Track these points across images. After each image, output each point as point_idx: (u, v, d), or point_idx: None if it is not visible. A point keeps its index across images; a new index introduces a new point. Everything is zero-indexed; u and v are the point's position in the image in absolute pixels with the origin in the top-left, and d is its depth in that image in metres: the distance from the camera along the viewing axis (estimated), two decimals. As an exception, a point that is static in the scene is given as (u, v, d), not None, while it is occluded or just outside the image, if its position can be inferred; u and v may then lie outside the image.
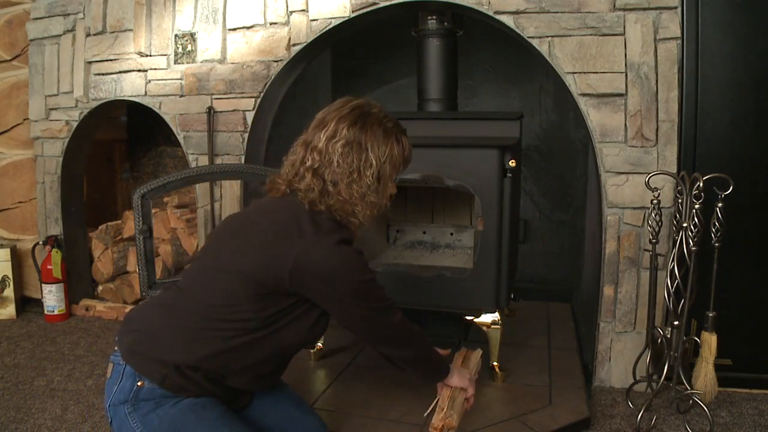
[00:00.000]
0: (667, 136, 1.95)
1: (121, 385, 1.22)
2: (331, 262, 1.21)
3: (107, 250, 2.98)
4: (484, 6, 2.06)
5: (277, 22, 2.34)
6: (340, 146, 1.25)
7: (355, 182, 1.26)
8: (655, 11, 1.92)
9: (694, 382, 1.82)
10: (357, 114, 1.29)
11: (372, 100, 1.35)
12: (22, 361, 2.32)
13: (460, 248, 2.55)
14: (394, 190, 1.39)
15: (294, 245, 1.20)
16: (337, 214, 1.29)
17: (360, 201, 1.28)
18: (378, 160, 1.27)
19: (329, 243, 1.22)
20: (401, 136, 1.34)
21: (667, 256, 1.91)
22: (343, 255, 1.23)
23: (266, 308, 1.23)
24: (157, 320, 1.27)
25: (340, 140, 1.26)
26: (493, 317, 2.00)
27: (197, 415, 1.21)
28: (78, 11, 2.64)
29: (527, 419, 1.74)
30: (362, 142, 1.26)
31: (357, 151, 1.26)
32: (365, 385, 1.98)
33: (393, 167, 1.32)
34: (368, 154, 1.27)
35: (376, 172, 1.28)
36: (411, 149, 1.37)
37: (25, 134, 2.87)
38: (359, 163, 1.26)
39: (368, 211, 1.31)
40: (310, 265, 1.20)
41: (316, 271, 1.20)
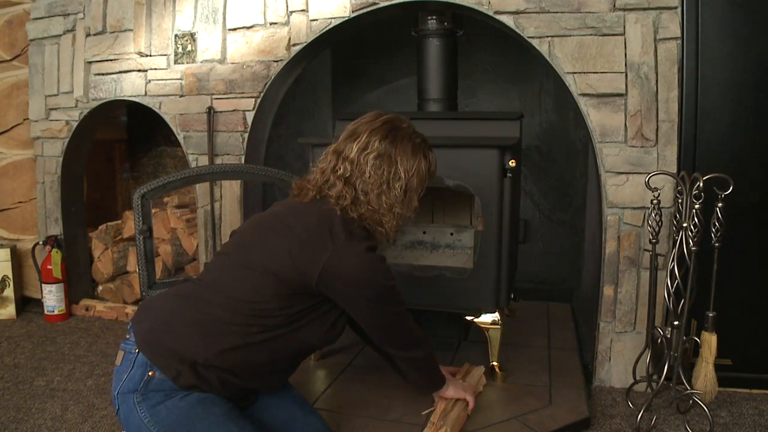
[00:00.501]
0: (667, 136, 1.96)
1: (131, 373, 1.23)
2: (361, 268, 1.27)
3: (107, 250, 2.98)
4: (484, 6, 2.06)
5: (277, 22, 2.34)
6: (372, 158, 1.32)
7: (384, 193, 1.33)
8: (655, 11, 1.92)
9: (694, 382, 1.82)
10: (388, 128, 1.36)
11: (402, 116, 1.43)
12: (22, 361, 2.32)
13: (460, 248, 2.55)
14: (417, 203, 1.44)
15: (326, 249, 1.26)
16: (367, 222, 1.36)
17: (388, 212, 1.35)
18: (406, 174, 1.35)
19: (360, 249, 1.28)
20: (428, 152, 1.41)
21: (667, 256, 1.91)
22: (372, 261, 1.30)
23: (291, 306, 1.28)
24: (177, 311, 1.28)
25: (372, 152, 1.32)
26: (493, 317, 2.00)
27: (205, 409, 1.23)
28: (78, 11, 2.64)
29: (527, 419, 1.74)
30: (392, 156, 1.33)
31: (387, 163, 1.33)
32: (365, 385, 1.98)
33: (419, 181, 1.39)
34: (398, 167, 1.34)
35: (404, 185, 1.35)
36: (436, 164, 1.45)
37: (25, 134, 2.87)
38: (389, 176, 1.33)
39: (395, 222, 1.38)
40: (341, 269, 1.26)
41: (346, 275, 1.26)
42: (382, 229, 1.37)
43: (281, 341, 1.30)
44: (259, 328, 1.26)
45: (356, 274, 1.27)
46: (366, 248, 1.29)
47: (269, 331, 1.27)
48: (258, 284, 1.27)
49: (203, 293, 1.30)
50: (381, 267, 1.32)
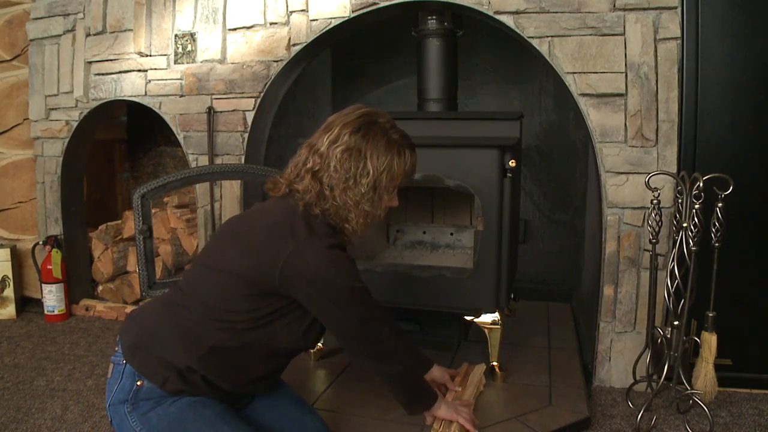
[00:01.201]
0: (667, 136, 1.96)
1: (120, 384, 1.23)
2: (320, 265, 1.22)
3: (107, 250, 2.98)
4: (484, 6, 2.06)
5: (277, 22, 2.34)
6: (340, 151, 1.26)
7: (350, 189, 1.27)
8: (655, 11, 1.92)
9: (694, 382, 1.82)
10: (362, 122, 1.29)
11: (382, 111, 1.36)
12: (22, 361, 2.32)
13: (460, 248, 2.55)
14: (394, 203, 1.37)
15: (286, 246, 1.21)
16: (331, 218, 1.30)
17: (354, 208, 1.28)
18: (375, 170, 1.27)
19: (321, 246, 1.22)
20: (405, 149, 1.33)
21: (667, 256, 1.91)
22: (334, 259, 1.24)
23: (258, 309, 1.24)
24: (159, 318, 1.28)
25: (341, 145, 1.26)
26: (493, 317, 2.00)
27: (195, 412, 1.22)
28: (78, 11, 2.64)
29: (527, 419, 1.74)
30: (362, 150, 1.27)
31: (356, 158, 1.26)
32: (365, 385, 1.98)
33: (391, 179, 1.31)
34: (366, 162, 1.27)
35: (372, 182, 1.28)
36: (414, 164, 1.37)
37: (25, 134, 2.87)
38: (356, 171, 1.26)
39: (361, 219, 1.31)
40: (300, 266, 1.21)
41: (304, 272, 1.21)
42: (349, 226, 1.31)
43: (254, 345, 1.27)
44: (230, 333, 1.24)
45: (315, 270, 1.21)
46: (328, 245, 1.24)
47: (239, 335, 1.25)
48: (224, 287, 1.24)
49: (181, 299, 1.28)
50: (344, 266, 1.26)
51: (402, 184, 1.35)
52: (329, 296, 1.24)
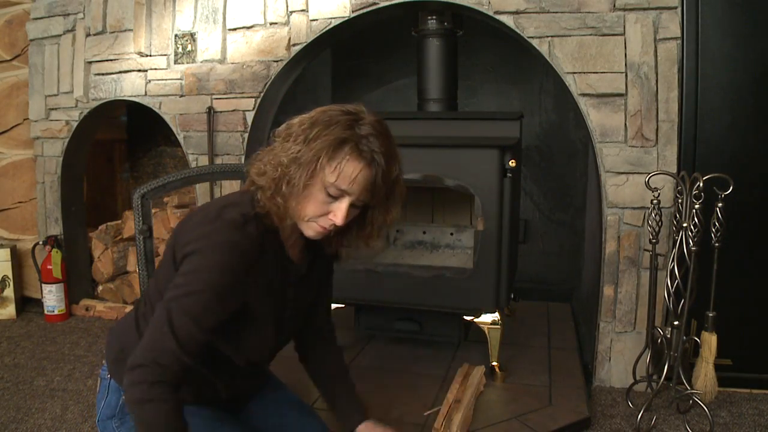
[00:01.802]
0: (667, 136, 1.96)
1: (107, 400, 1.22)
2: (197, 239, 1.05)
3: (107, 250, 2.98)
4: (484, 6, 2.06)
5: (277, 22, 2.34)
6: (298, 120, 1.10)
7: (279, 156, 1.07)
8: (655, 11, 1.92)
9: (694, 382, 1.82)
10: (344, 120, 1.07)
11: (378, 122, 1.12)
12: (22, 361, 2.32)
13: (460, 248, 2.55)
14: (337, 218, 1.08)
15: (187, 227, 1.11)
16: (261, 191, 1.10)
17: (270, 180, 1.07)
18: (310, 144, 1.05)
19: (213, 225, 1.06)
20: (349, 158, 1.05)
21: (667, 256, 1.91)
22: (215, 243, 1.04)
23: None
24: (131, 333, 1.22)
25: (306, 115, 1.10)
26: (493, 317, 2.00)
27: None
28: (78, 11, 2.64)
29: (527, 419, 1.74)
30: (317, 124, 1.06)
31: (308, 127, 1.07)
32: (365, 385, 1.98)
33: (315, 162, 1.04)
34: (311, 134, 1.05)
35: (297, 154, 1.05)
36: (351, 173, 1.06)
37: (25, 134, 2.87)
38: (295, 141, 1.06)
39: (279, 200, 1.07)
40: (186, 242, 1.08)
41: (185, 245, 1.07)
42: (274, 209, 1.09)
43: (205, 360, 1.14)
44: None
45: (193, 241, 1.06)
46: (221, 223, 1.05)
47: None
48: (152, 296, 1.16)
49: (144, 311, 1.22)
50: (219, 253, 1.04)
51: (344, 189, 1.07)
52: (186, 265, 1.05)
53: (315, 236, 1.13)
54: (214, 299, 1.03)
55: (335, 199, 1.08)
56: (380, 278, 2.10)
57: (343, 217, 1.09)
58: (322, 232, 1.12)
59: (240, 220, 1.07)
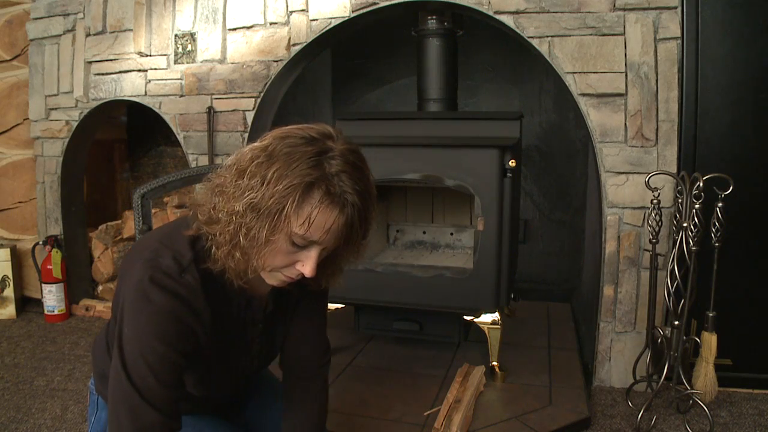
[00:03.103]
0: (667, 136, 1.96)
1: (97, 416, 1.20)
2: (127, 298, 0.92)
3: (107, 250, 2.98)
4: (484, 6, 2.06)
5: (277, 22, 2.34)
6: (249, 149, 0.91)
7: (229, 196, 0.89)
8: (655, 11, 1.92)
9: (694, 382, 1.82)
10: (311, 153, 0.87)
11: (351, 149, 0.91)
12: (22, 361, 2.32)
13: (460, 248, 2.55)
14: (306, 269, 0.92)
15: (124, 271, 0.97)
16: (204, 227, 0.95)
17: (225, 226, 0.90)
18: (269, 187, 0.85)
19: (142, 275, 0.91)
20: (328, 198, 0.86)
21: (667, 256, 1.91)
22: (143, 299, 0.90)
23: None
24: (106, 356, 1.17)
25: (260, 144, 0.91)
26: (493, 317, 2.00)
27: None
28: (78, 11, 2.64)
29: (527, 419, 1.74)
30: (274, 157, 0.87)
31: (261, 162, 0.87)
32: (365, 385, 1.98)
33: (277, 214, 0.86)
34: (268, 173, 0.86)
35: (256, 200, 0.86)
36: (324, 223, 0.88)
37: (25, 134, 2.87)
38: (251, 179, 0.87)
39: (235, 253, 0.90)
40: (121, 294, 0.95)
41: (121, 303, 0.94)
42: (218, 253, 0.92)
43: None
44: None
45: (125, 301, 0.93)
46: (150, 279, 0.90)
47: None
48: (112, 325, 1.05)
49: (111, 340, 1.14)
50: (148, 314, 0.90)
51: (313, 239, 0.89)
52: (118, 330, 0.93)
53: (279, 285, 0.98)
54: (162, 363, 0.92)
55: (303, 249, 0.91)
56: (380, 278, 2.10)
57: (313, 268, 0.92)
58: (288, 281, 0.96)
59: (175, 270, 0.92)
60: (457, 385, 1.85)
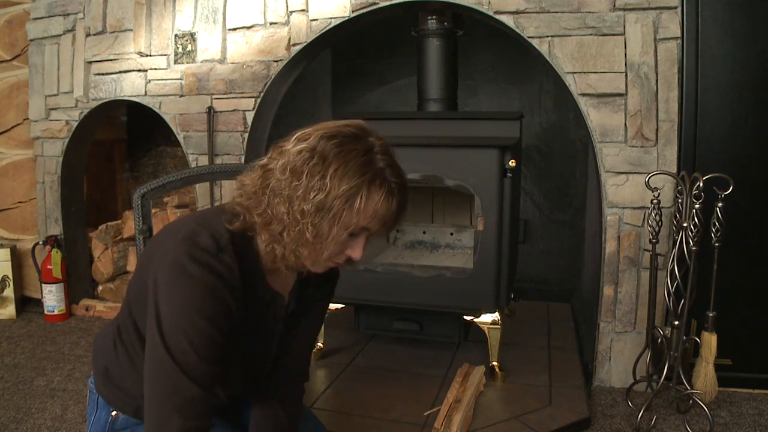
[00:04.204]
0: (667, 136, 1.96)
1: (97, 415, 1.18)
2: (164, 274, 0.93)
3: (107, 250, 2.98)
4: (484, 6, 2.06)
5: (277, 22, 2.34)
6: (297, 150, 0.95)
7: (293, 201, 0.93)
8: (655, 11, 1.92)
9: (694, 382, 1.82)
10: (346, 132, 0.96)
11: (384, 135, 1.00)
12: (22, 361, 2.32)
13: (460, 248, 2.55)
14: (355, 253, 1.00)
15: (156, 252, 0.98)
16: (257, 226, 0.99)
17: (290, 227, 0.94)
18: (332, 190, 0.92)
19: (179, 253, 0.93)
20: (387, 185, 0.94)
21: (667, 256, 1.91)
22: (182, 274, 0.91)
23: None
24: (112, 353, 1.15)
25: (305, 144, 0.95)
26: (493, 317, 2.00)
27: None
28: (78, 11, 2.64)
29: (527, 419, 1.74)
30: (327, 158, 0.92)
31: (315, 164, 0.92)
32: (365, 385, 1.98)
33: (348, 212, 0.93)
34: (326, 175, 0.92)
35: (322, 202, 0.92)
36: (395, 213, 0.98)
37: (25, 134, 2.87)
38: (309, 181, 0.92)
39: (294, 246, 0.96)
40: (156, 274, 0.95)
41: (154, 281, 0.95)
42: (278, 248, 0.97)
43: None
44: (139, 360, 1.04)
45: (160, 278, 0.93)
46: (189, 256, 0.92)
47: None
48: (123, 318, 1.09)
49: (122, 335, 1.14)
50: (188, 288, 0.92)
51: (368, 228, 0.96)
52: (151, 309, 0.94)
53: (321, 271, 1.04)
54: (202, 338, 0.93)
55: (355, 237, 0.98)
56: (380, 278, 2.10)
57: (362, 252, 0.99)
58: (333, 267, 1.04)
59: (213, 248, 0.94)
60: (457, 385, 1.85)
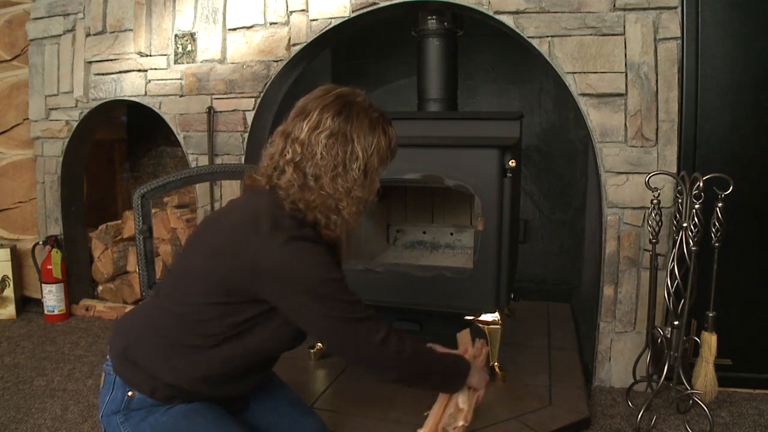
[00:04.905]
0: (667, 136, 1.96)
1: (112, 395, 1.21)
2: (284, 260, 1.10)
3: (107, 250, 2.98)
4: (484, 6, 2.06)
5: (277, 22, 2.34)
6: (325, 137, 1.15)
7: (340, 176, 1.17)
8: (655, 11, 1.92)
9: (694, 382, 1.82)
10: (342, 103, 1.20)
11: (356, 89, 1.26)
12: (22, 361, 2.32)
13: (460, 248, 2.55)
14: (379, 184, 1.26)
15: (251, 245, 1.12)
16: (318, 211, 1.18)
17: (345, 196, 1.18)
18: (365, 153, 1.18)
19: (283, 238, 1.11)
20: (388, 126, 1.24)
21: (667, 256, 1.91)
22: (298, 251, 1.11)
23: (233, 316, 1.16)
24: (141, 329, 1.23)
25: (324, 131, 1.16)
26: (493, 317, 2.00)
27: (189, 421, 1.18)
28: (78, 11, 2.64)
29: (527, 419, 1.74)
30: (347, 133, 1.16)
31: (342, 142, 1.16)
32: (365, 385, 1.98)
33: (380, 160, 1.22)
34: (354, 145, 1.17)
35: (363, 165, 1.18)
36: (396, 140, 1.26)
37: (25, 134, 2.87)
38: (344, 156, 1.16)
39: (354, 208, 1.20)
40: (265, 265, 1.11)
41: (271, 271, 1.11)
42: (338, 217, 1.19)
43: (235, 354, 1.19)
44: (210, 343, 1.17)
45: (281, 266, 1.10)
46: (289, 237, 1.11)
47: (219, 345, 1.17)
48: (194, 294, 1.17)
49: (159, 311, 1.22)
50: (310, 256, 1.13)
51: (389, 163, 1.26)
52: (302, 292, 1.12)
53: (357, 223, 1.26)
54: (341, 284, 1.16)
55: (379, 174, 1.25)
56: (380, 278, 2.10)
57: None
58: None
59: (300, 235, 1.14)
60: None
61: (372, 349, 1.19)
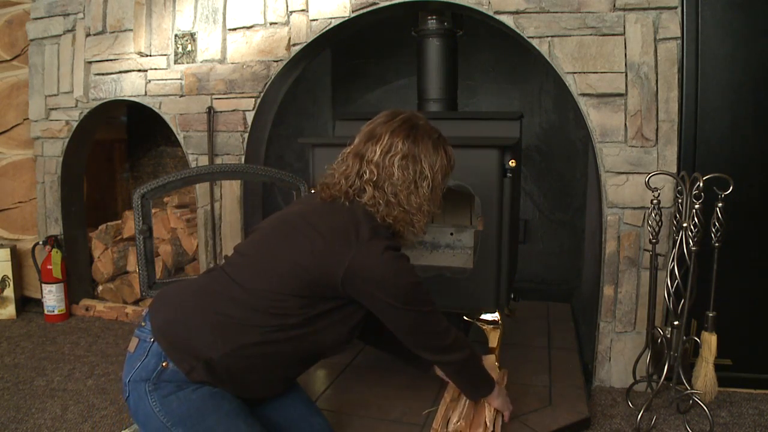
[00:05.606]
0: (667, 136, 1.96)
1: (145, 362, 1.24)
2: (385, 267, 1.27)
3: (107, 250, 2.98)
4: (484, 6, 2.06)
5: (277, 22, 2.34)
6: (398, 159, 1.33)
7: (413, 193, 1.35)
8: (655, 11, 1.92)
9: (694, 382, 1.82)
10: (408, 127, 1.37)
11: (416, 112, 1.45)
12: (22, 361, 2.32)
13: (460, 248, 2.55)
14: (441, 198, 1.46)
15: (351, 248, 1.26)
16: (399, 224, 1.37)
17: (418, 211, 1.36)
18: (431, 171, 1.36)
19: (381, 247, 1.28)
20: (446, 146, 1.43)
21: (667, 256, 1.91)
22: (395, 259, 1.30)
23: (311, 307, 1.28)
24: (194, 307, 1.29)
25: (397, 154, 1.33)
26: (493, 317, 2.00)
27: (215, 403, 1.25)
28: (78, 11, 2.64)
29: (527, 419, 1.74)
30: (416, 155, 1.35)
31: (413, 163, 1.34)
32: (365, 385, 1.98)
33: (443, 176, 1.41)
34: (423, 165, 1.35)
35: (430, 182, 1.37)
36: (454, 157, 1.46)
37: (25, 134, 2.87)
38: (415, 175, 1.35)
39: (424, 220, 1.39)
40: (363, 269, 1.26)
41: (370, 275, 1.26)
42: (414, 229, 1.39)
43: (298, 341, 1.30)
44: (277, 327, 1.26)
45: (380, 272, 1.27)
46: (386, 247, 1.29)
47: (286, 331, 1.27)
48: (280, 283, 1.27)
49: (221, 290, 1.30)
50: (404, 265, 1.32)
51: (450, 177, 1.47)
52: (393, 295, 1.28)
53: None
54: (422, 286, 1.35)
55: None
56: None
57: None
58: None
59: (392, 245, 1.32)
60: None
61: (440, 335, 1.41)
